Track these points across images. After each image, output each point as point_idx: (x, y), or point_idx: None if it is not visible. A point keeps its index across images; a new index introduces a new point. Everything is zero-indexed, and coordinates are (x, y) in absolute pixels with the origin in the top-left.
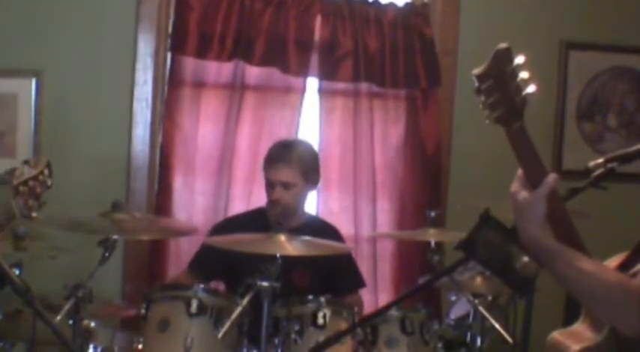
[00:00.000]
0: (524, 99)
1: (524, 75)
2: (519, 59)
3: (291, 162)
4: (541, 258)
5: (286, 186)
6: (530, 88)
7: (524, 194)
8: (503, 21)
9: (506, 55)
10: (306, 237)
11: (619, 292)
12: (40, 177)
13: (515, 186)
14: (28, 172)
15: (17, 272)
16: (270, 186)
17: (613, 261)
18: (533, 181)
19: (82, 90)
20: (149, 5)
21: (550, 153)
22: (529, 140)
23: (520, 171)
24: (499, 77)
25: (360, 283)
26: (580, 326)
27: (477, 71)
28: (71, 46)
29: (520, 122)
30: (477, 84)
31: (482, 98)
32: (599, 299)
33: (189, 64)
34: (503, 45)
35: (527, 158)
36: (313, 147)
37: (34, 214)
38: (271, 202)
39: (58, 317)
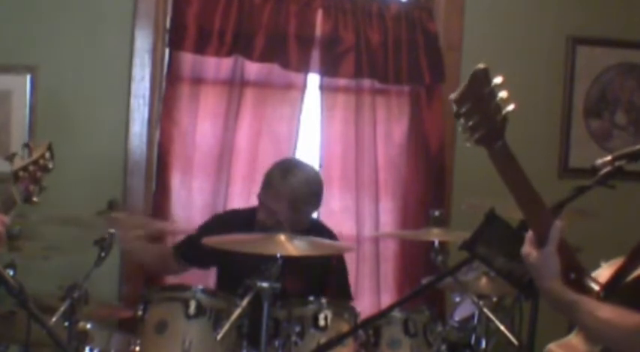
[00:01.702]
0: (504, 117)
1: (503, 94)
2: (497, 79)
3: (279, 194)
4: (561, 309)
5: (270, 212)
6: (510, 107)
7: (535, 254)
8: (508, 16)
9: (484, 76)
10: (306, 237)
11: (637, 335)
12: (41, 161)
13: (526, 249)
14: (27, 157)
15: (11, 272)
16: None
17: (613, 265)
18: (521, 201)
19: (78, 86)
20: (147, 0)
21: (557, 150)
22: (513, 158)
23: (530, 234)
24: (477, 99)
25: (345, 296)
26: (575, 338)
27: (453, 96)
28: (67, 41)
29: (502, 141)
30: (455, 108)
31: (462, 121)
32: (619, 344)
33: (188, 59)
34: (480, 66)
35: (514, 178)
36: (315, 175)
37: (35, 199)
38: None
39: (53, 319)
